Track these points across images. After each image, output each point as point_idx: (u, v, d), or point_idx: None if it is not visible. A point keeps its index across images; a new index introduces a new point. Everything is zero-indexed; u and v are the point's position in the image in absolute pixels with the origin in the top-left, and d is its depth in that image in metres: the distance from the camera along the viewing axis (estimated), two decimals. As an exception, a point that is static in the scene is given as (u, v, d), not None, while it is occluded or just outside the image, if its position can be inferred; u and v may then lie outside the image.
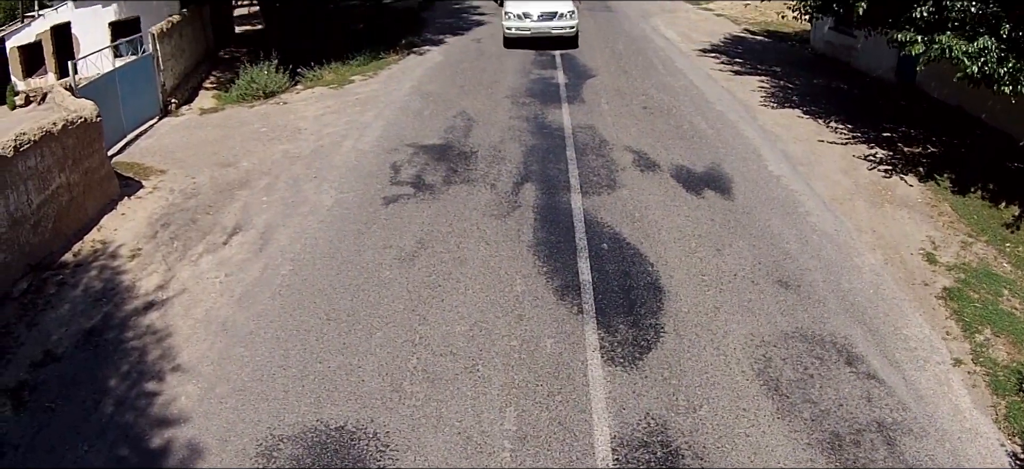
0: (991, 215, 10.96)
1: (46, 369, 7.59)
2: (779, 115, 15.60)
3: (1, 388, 7.31)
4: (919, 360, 7.50)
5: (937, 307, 8.46)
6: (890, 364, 7.37)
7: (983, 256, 9.76)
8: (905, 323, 8.09)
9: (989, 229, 10.51)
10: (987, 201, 11.32)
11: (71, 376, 7.46)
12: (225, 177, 12.40)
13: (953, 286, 8.87)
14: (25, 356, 7.82)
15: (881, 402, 6.89)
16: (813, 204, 11.06)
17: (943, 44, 10.48)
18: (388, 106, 16.11)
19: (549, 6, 22.66)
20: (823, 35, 22.36)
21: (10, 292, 9.01)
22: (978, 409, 6.97)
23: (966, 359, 7.63)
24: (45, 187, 9.99)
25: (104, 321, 8.40)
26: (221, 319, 8.20)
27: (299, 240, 9.90)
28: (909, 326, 8.04)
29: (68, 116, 10.76)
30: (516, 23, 22.34)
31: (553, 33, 22.29)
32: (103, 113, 11.83)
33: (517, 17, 22.41)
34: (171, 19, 19.54)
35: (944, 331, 8.01)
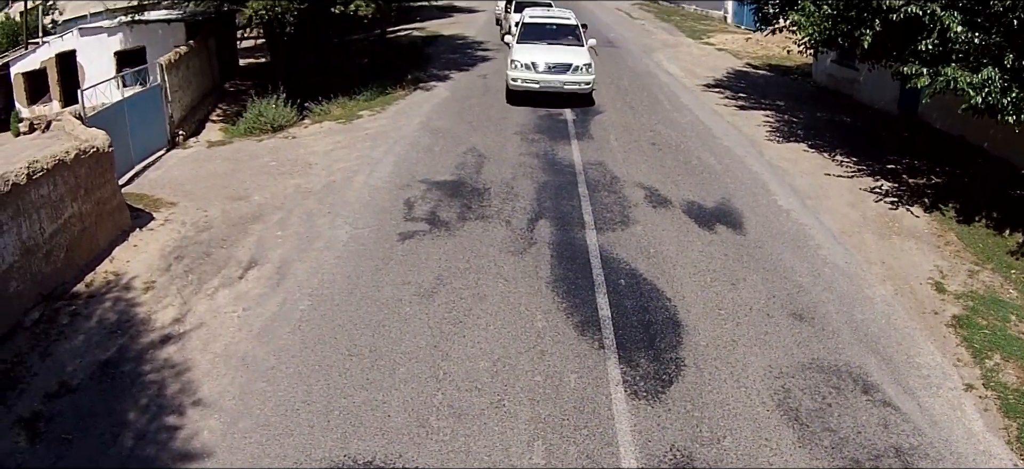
0: (996, 243, 11.15)
1: (61, 400, 7.51)
2: (785, 149, 15.74)
3: (16, 418, 7.23)
4: (932, 386, 7.63)
5: (947, 335, 8.60)
6: (905, 391, 7.49)
7: (990, 283, 9.92)
8: (917, 351, 8.23)
9: (994, 257, 10.69)
10: (992, 229, 11.53)
11: (88, 408, 7.38)
12: (237, 211, 12.40)
13: (962, 314, 9.04)
14: (39, 386, 7.74)
15: (898, 428, 7.00)
16: (823, 237, 11.17)
17: (948, 76, 10.62)
18: (398, 142, 16.18)
19: (561, 54, 19.30)
20: (825, 68, 22.64)
21: (22, 321, 8.94)
22: (990, 432, 7.10)
23: (977, 384, 7.76)
24: (58, 216, 9.96)
25: (120, 353, 8.33)
26: (241, 354, 8.15)
27: (316, 275, 9.89)
28: (921, 354, 8.18)
29: (80, 145, 10.76)
30: (523, 74, 19.02)
31: (565, 89, 18.97)
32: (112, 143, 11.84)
33: (524, 66, 19.04)
34: (178, 50, 19.64)
35: (955, 358, 8.15)
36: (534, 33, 20.62)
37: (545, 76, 18.87)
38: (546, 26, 21.08)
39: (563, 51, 19.47)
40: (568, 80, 18.86)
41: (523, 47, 19.72)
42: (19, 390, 7.68)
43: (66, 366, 8.11)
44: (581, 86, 18.94)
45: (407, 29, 39.27)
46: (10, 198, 8.99)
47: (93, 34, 24.81)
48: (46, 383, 7.79)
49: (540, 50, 19.48)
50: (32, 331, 8.80)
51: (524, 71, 19.02)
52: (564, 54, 19.28)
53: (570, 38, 20.51)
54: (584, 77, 18.97)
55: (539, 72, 18.91)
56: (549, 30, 20.83)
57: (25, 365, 8.14)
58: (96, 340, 8.61)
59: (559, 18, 22.00)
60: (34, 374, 7.98)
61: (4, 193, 8.88)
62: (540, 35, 20.48)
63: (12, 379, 7.87)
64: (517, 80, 19.12)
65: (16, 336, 8.67)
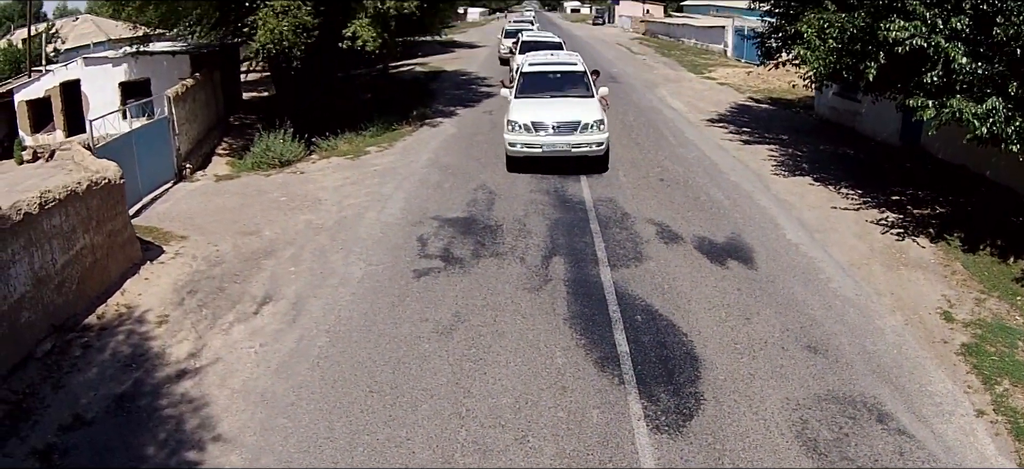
0: (1001, 271, 11.23)
1: (76, 433, 7.44)
2: (791, 183, 15.84)
3: (30, 450, 7.15)
4: (945, 414, 7.68)
5: (957, 363, 8.66)
6: (918, 419, 7.54)
7: (996, 311, 9.98)
8: (929, 380, 8.28)
9: (1000, 285, 10.77)
10: (996, 257, 11.62)
11: (103, 442, 7.31)
12: (249, 246, 12.39)
13: (970, 342, 9.10)
14: (53, 419, 7.67)
15: (913, 455, 7.05)
16: (832, 270, 11.22)
17: (953, 108, 10.67)
18: (407, 178, 16.25)
19: (568, 111, 16.08)
20: (827, 101, 22.83)
21: (34, 352, 8.89)
22: (1002, 455, 7.14)
23: (988, 410, 7.80)
24: (69, 247, 9.94)
25: (135, 387, 8.27)
26: (260, 390, 8.10)
27: (332, 312, 9.86)
28: (933, 382, 8.24)
29: (92, 176, 10.76)
30: (523, 138, 15.87)
31: (574, 152, 15.87)
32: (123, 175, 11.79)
33: (525, 127, 15.88)
34: (185, 83, 19.73)
35: (965, 385, 8.21)
36: (535, 84, 17.58)
37: (551, 139, 15.81)
38: (549, 75, 18.08)
39: (570, 105, 16.45)
40: (577, 142, 15.79)
41: (523, 102, 16.76)
42: (32, 421, 7.62)
43: (80, 399, 8.05)
44: (593, 148, 15.90)
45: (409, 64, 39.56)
46: (22, 228, 8.98)
47: (98, 64, 24.89)
48: (60, 415, 7.73)
49: (543, 106, 16.46)
50: (44, 362, 8.75)
51: (525, 134, 15.93)
52: (571, 109, 16.18)
53: (579, 88, 17.49)
54: (596, 136, 15.82)
55: (546, 134, 15.87)
56: (552, 80, 17.87)
57: (38, 396, 8.09)
58: (110, 373, 8.57)
59: (565, 65, 18.89)
60: (47, 406, 7.92)
61: (16, 222, 8.87)
62: (542, 86, 17.49)
63: (25, 410, 7.82)
64: (516, 145, 16.05)
65: (28, 367, 8.62)
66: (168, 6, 20.16)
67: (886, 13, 11.45)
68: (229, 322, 9.72)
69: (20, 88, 25.74)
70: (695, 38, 52.47)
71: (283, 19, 18.48)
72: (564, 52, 22.93)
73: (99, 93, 24.15)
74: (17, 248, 8.87)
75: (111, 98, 23.82)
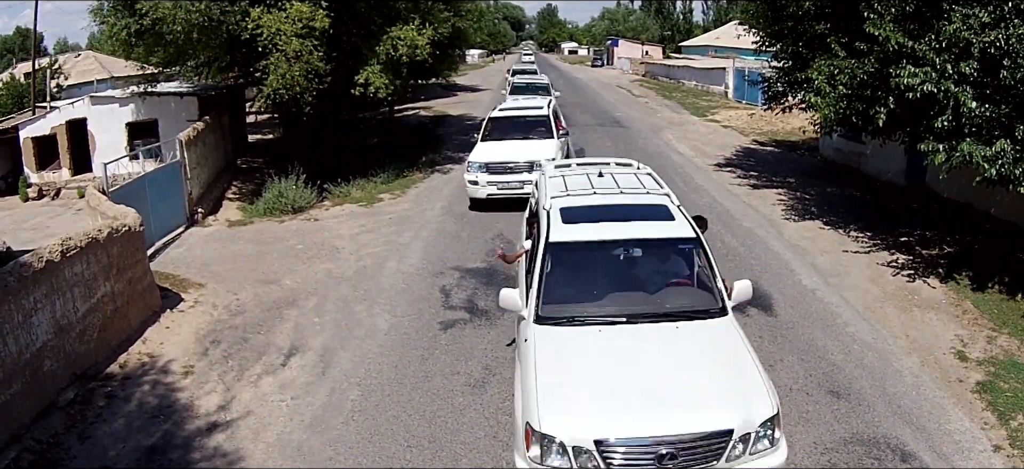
0: (1010, 307, 11.37)
1: (107, 486, 7.28)
2: (802, 228, 15.93)
3: (55, 504, 7.07)
4: (964, 450, 7.82)
5: (973, 401, 8.80)
6: (939, 457, 7.67)
7: (1007, 348, 10.13)
8: (947, 419, 8.42)
9: (1010, 322, 10.91)
10: (1005, 294, 11.76)
11: (139, 496, 7.18)
12: (269, 295, 12.36)
13: (985, 379, 9.26)
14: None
15: None
16: (849, 315, 11.28)
17: (964, 151, 10.79)
18: (424, 227, 16.27)
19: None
20: (832, 143, 23.02)
21: (56, 401, 8.82)
22: None
23: (1004, 445, 7.94)
24: (91, 295, 9.92)
25: (165, 440, 8.20)
26: (295, 444, 8.04)
27: (362, 365, 9.83)
28: (951, 420, 8.37)
29: (112, 224, 10.79)
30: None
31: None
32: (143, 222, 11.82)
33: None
34: (196, 126, 19.76)
35: (982, 421, 8.35)
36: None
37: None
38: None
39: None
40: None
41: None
42: (57, 474, 7.47)
43: (108, 450, 7.96)
44: None
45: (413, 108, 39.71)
46: (44, 275, 8.97)
47: (104, 103, 25.01)
48: (89, 467, 7.63)
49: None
50: (67, 412, 8.67)
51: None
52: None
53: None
54: None
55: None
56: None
57: (63, 447, 8.00)
58: (138, 424, 8.49)
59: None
60: (74, 457, 7.84)
61: (38, 270, 8.87)
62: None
63: (50, 461, 7.73)
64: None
65: (51, 416, 8.55)
66: (178, 48, 20.21)
67: (896, 59, 11.51)
68: (257, 374, 9.67)
69: (25, 124, 25.79)
70: (695, 80, 52.81)
71: (295, 64, 18.48)
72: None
73: (105, 133, 24.30)
74: (39, 296, 8.85)
75: (117, 138, 23.94)
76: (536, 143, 17.30)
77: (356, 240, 15.39)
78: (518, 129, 18.45)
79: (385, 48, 20.04)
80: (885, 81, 11.82)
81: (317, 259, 14.17)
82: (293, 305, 11.91)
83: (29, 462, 7.69)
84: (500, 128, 18.52)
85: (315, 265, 13.83)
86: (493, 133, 18.28)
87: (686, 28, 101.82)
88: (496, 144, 17.57)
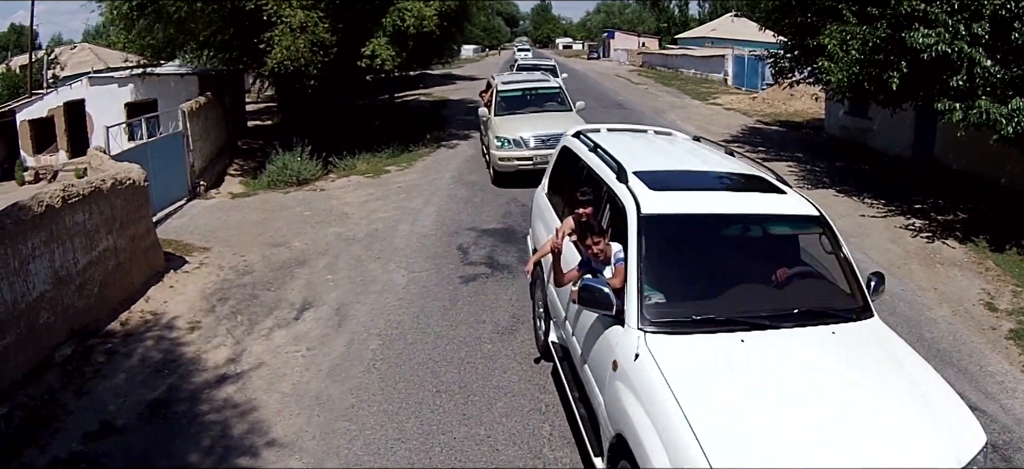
0: None
1: (106, 441, 6.77)
2: (816, 195, 15.54)
3: (52, 459, 6.47)
4: (1008, 390, 7.72)
5: (1009, 346, 8.72)
6: (986, 396, 7.54)
7: None
8: (987, 361, 8.32)
9: None
10: (1023, 256, 11.74)
11: (140, 450, 6.64)
12: (279, 256, 11.84)
13: (1017, 328, 9.19)
14: (77, 427, 6.98)
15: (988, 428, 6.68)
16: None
17: (981, 108, 10.88)
18: (435, 194, 15.82)
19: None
20: (838, 120, 22.87)
21: (52, 357, 8.22)
22: None
23: None
24: (92, 247, 9.35)
25: (171, 393, 7.65)
26: (313, 392, 7.50)
27: (381, 317, 9.32)
28: (991, 364, 8.28)
29: (117, 175, 10.23)
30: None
31: None
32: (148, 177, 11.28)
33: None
34: (199, 100, 19.28)
35: (1021, 365, 8.30)
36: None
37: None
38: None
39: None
40: None
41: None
42: (53, 428, 6.96)
43: (108, 405, 7.40)
44: None
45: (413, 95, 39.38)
46: (44, 221, 8.39)
47: (103, 84, 24.41)
48: (85, 422, 7.06)
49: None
50: (64, 368, 8.11)
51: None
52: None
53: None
54: None
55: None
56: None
57: (58, 403, 7.43)
58: (140, 379, 7.95)
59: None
60: (70, 413, 7.27)
61: (38, 215, 8.29)
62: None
63: (44, 417, 7.17)
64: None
65: (47, 372, 7.96)
66: (179, 23, 19.66)
67: (908, 22, 11.58)
68: (268, 328, 9.13)
69: (22, 107, 25.21)
70: (694, 68, 52.50)
71: (300, 37, 18.00)
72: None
73: (104, 114, 23.56)
74: (37, 243, 8.27)
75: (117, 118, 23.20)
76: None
77: (365, 207, 14.89)
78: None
79: (392, 19, 19.51)
80: (898, 44, 11.88)
81: (326, 224, 13.66)
82: (304, 265, 11.39)
83: (21, 419, 7.11)
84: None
85: (324, 229, 13.31)
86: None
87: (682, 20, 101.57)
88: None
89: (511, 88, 18.48)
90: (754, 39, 31.03)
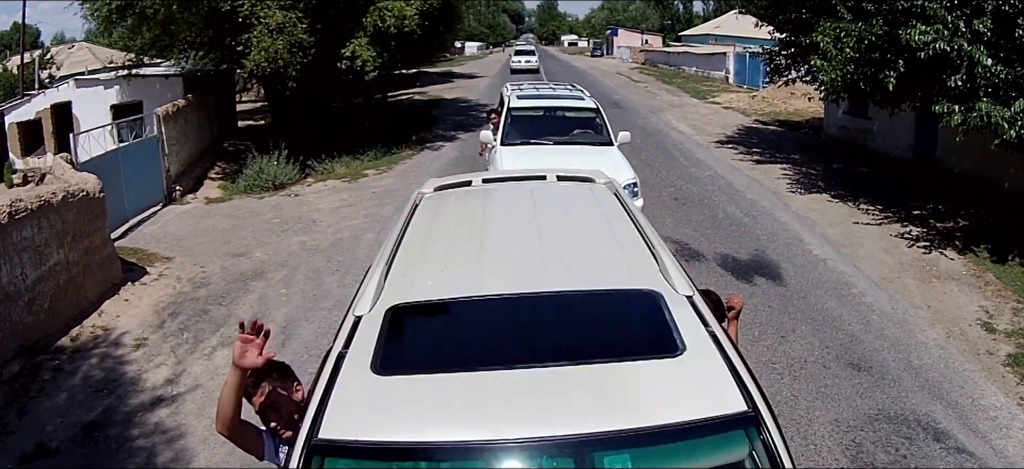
0: None
1: (38, 463, 6.67)
2: (810, 200, 15.31)
3: (-14, 480, 6.32)
4: (1002, 428, 7.16)
5: (1006, 374, 8.17)
6: (976, 435, 7.00)
7: None
8: (980, 394, 7.76)
9: None
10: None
11: (67, 473, 6.41)
12: (237, 267, 11.59)
13: (1016, 352, 8.64)
14: (15, 447, 6.90)
15: None
16: (865, 285, 10.63)
17: (982, 111, 10.33)
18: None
19: None
20: (837, 120, 22.52)
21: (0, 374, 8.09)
22: None
23: None
24: (41, 262, 9.15)
25: (106, 415, 7.47)
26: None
27: (326, 336, 8.90)
28: (985, 396, 7.72)
29: (69, 187, 10.05)
30: None
31: None
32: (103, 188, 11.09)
33: None
34: (177, 103, 19.10)
35: (1018, 396, 7.71)
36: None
37: None
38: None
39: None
40: None
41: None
42: (-7, 448, 6.78)
43: (46, 425, 7.28)
44: None
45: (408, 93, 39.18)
46: (-13, 238, 8.18)
47: (89, 86, 24.32)
48: (22, 443, 6.96)
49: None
50: (11, 385, 7.99)
51: None
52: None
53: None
54: None
55: None
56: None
57: (1, 422, 7.33)
58: (80, 399, 7.78)
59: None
60: (11, 432, 7.18)
61: (-20, 232, 8.08)
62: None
63: (-16, 436, 6.98)
64: None
65: (-8, 390, 7.77)
66: (161, 28, 19.50)
67: (905, 19, 11.07)
68: (211, 346, 8.87)
69: (10, 110, 25.13)
70: (696, 66, 52.16)
71: (278, 38, 17.79)
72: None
73: (90, 115, 23.43)
74: (-18, 259, 8.07)
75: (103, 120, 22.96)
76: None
77: (335, 214, 14.61)
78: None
79: (372, 19, 19.24)
80: (895, 42, 11.39)
81: (292, 232, 13.38)
82: (261, 277, 11.11)
83: (-39, 438, 6.98)
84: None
85: (289, 238, 13.03)
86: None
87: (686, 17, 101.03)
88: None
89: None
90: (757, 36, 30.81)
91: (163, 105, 18.40)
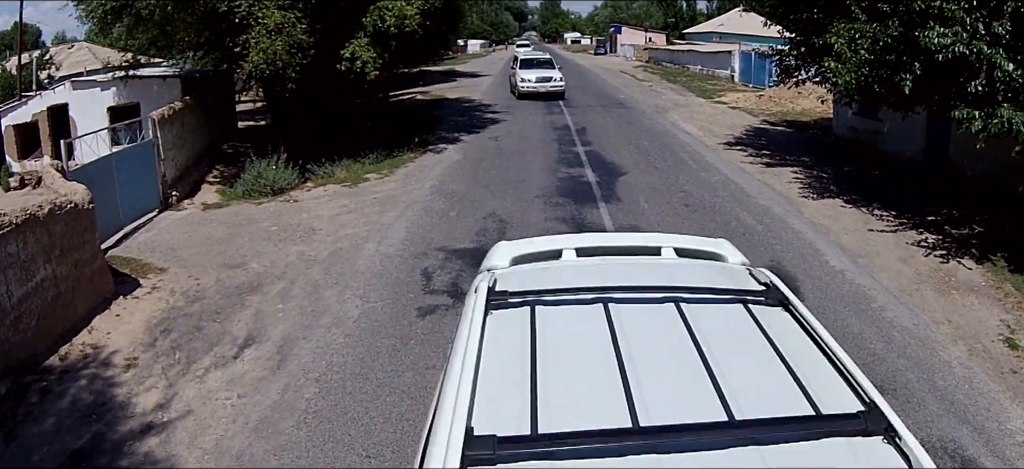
0: None
1: (25, 496, 6.20)
2: (822, 206, 14.90)
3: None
4: None
5: None
6: (1003, 463, 6.69)
7: None
8: (1007, 416, 7.42)
9: None
10: None
11: (52, 509, 6.01)
12: (233, 279, 11.16)
13: None
14: (2, 475, 6.52)
15: None
16: (885, 298, 10.23)
17: (1003, 117, 10.01)
18: (410, 206, 15.06)
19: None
20: (846, 121, 22.17)
21: (-14, 397, 7.69)
22: None
23: None
24: (28, 278, 8.73)
25: (94, 443, 7.04)
26: (235, 451, 6.79)
27: (324, 357, 8.56)
28: (1011, 419, 7.38)
29: (56, 199, 9.62)
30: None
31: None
32: (98, 201, 10.74)
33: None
34: (173, 106, 18.63)
35: None
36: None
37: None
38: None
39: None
40: None
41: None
42: (-21, 480, 6.43)
43: (33, 454, 6.88)
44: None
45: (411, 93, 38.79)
46: (-30, 255, 7.79)
47: (86, 88, 23.91)
48: (9, 472, 6.56)
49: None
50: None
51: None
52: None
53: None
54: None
55: None
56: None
57: (-13, 449, 6.88)
58: (68, 425, 7.36)
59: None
60: (-2, 461, 6.77)
61: (-37, 249, 7.69)
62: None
63: (-28, 465, 6.63)
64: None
65: (-23, 414, 7.39)
66: (158, 29, 19.07)
67: (922, 21, 10.69)
68: (205, 368, 8.45)
69: (7, 112, 24.73)
70: (701, 64, 51.71)
71: (276, 39, 17.35)
72: None
73: (87, 118, 23.02)
74: (-35, 279, 7.68)
75: (100, 123, 22.52)
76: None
77: (335, 221, 14.16)
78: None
79: (372, 19, 18.79)
80: (911, 44, 10.98)
81: (290, 241, 12.95)
82: (257, 290, 10.67)
83: (-55, 466, 6.63)
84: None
85: (287, 247, 12.60)
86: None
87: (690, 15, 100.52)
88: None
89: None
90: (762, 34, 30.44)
91: (160, 107, 17.97)
